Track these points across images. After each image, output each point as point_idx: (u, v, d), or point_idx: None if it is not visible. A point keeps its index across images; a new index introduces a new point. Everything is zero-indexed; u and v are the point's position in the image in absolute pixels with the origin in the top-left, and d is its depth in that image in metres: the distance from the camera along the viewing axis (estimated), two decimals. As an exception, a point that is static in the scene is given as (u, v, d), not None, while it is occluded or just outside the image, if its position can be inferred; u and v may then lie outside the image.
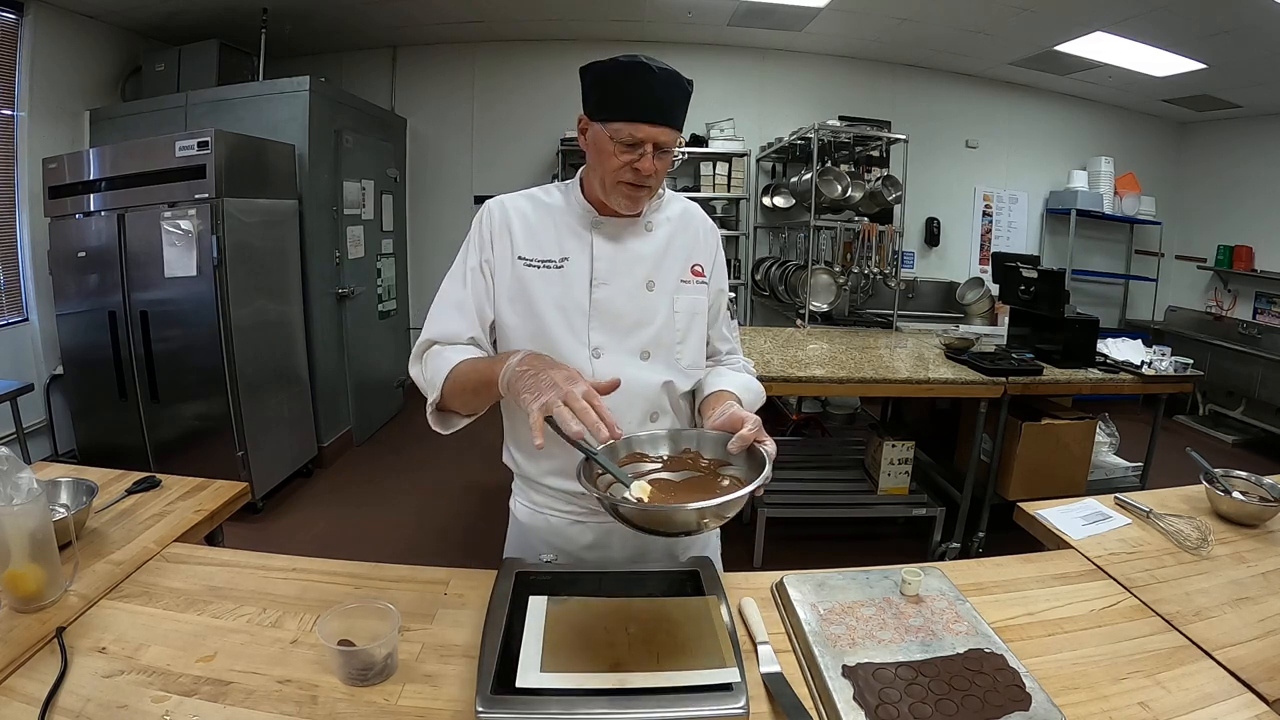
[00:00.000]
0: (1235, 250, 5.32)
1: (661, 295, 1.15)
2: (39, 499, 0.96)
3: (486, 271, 1.14)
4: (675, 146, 1.06)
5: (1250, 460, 4.53)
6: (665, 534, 0.90)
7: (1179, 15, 3.70)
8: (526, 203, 1.17)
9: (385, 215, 4.66)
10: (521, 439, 1.19)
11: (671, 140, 1.04)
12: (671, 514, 0.84)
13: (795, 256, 4.87)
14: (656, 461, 1.01)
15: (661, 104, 1.02)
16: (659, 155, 1.04)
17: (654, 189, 1.10)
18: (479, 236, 1.15)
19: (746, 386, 1.19)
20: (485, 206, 1.17)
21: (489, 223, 1.15)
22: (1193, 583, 1.15)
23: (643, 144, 1.03)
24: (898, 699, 0.82)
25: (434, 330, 1.13)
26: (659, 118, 1.02)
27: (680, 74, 1.04)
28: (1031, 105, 5.58)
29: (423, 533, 3.24)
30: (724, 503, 0.81)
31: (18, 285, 3.65)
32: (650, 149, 1.03)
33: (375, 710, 0.82)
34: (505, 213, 1.15)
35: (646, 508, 0.84)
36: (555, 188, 1.20)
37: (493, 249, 1.14)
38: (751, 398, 1.18)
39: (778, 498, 3.06)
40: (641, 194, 1.08)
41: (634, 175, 1.05)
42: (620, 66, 1.01)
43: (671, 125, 1.04)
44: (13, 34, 3.50)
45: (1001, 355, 3.00)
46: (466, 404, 1.06)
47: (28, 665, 0.86)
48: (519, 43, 5.11)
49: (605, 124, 1.03)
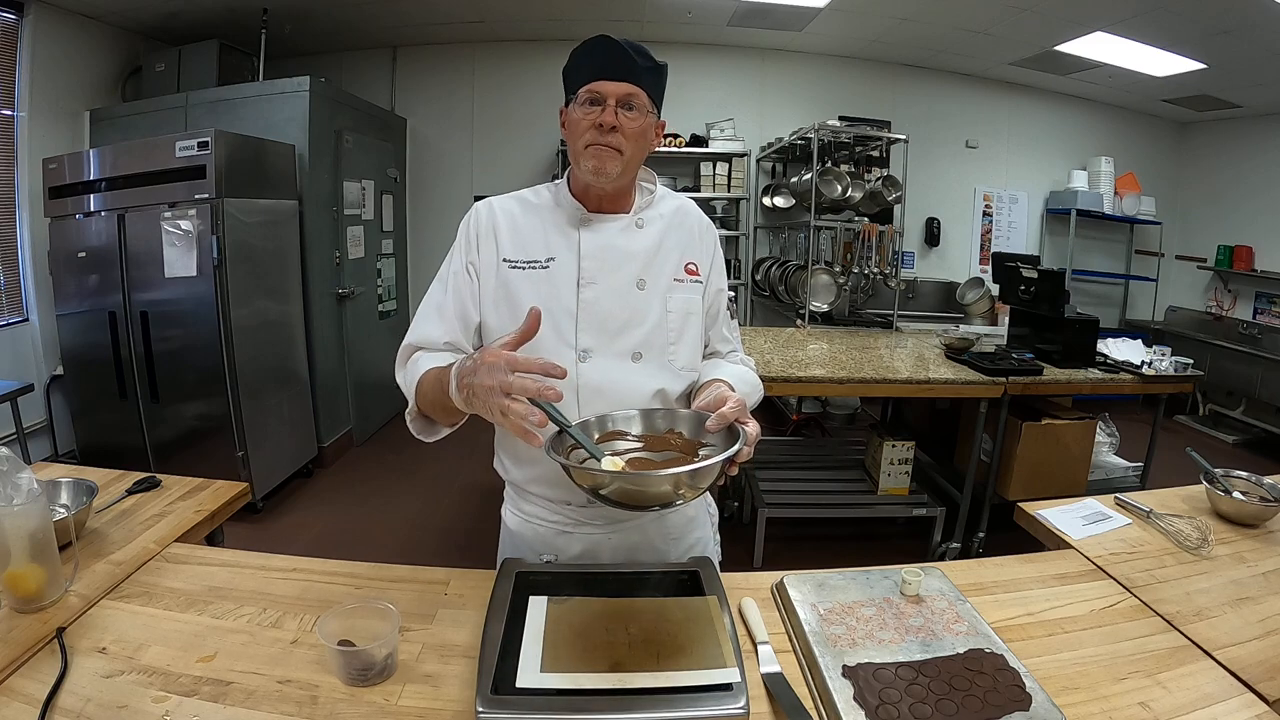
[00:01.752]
0: (1235, 250, 5.32)
1: (653, 294, 1.12)
2: (39, 499, 0.96)
3: (472, 273, 1.12)
4: (644, 109, 1.05)
5: (1250, 460, 4.53)
6: (640, 508, 0.88)
7: (1179, 15, 3.70)
8: (515, 204, 1.16)
9: (385, 215, 4.66)
10: (506, 443, 1.18)
11: (635, 97, 1.04)
12: (640, 481, 0.82)
13: (795, 256, 4.88)
14: (636, 440, 0.99)
15: (620, 63, 1.03)
16: (624, 111, 1.03)
17: (623, 154, 1.06)
18: (465, 238, 1.14)
19: (742, 377, 1.16)
20: (473, 208, 1.16)
21: (475, 224, 1.14)
22: (1193, 583, 1.15)
23: (604, 99, 1.03)
24: (898, 699, 0.82)
25: (415, 335, 1.13)
26: (617, 74, 1.03)
27: (648, 51, 1.05)
28: (1031, 105, 5.58)
29: (423, 533, 3.24)
30: (695, 470, 0.80)
31: (18, 285, 3.65)
32: (612, 103, 1.02)
33: (375, 710, 0.82)
34: (493, 214, 1.14)
35: (619, 475, 0.83)
36: (545, 188, 1.18)
37: (478, 251, 1.12)
38: (747, 389, 1.15)
39: (778, 498, 3.06)
40: (608, 156, 1.04)
41: (597, 133, 1.03)
42: (587, 43, 1.04)
43: (633, 81, 1.03)
44: (13, 34, 3.50)
45: (1001, 355, 3.00)
46: (441, 417, 1.05)
47: (28, 665, 0.86)
48: (519, 43, 5.12)
49: (573, 96, 1.05)
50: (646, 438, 0.99)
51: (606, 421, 0.99)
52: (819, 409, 4.79)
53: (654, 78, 1.06)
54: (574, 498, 1.13)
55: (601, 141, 1.04)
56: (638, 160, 1.10)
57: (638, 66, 1.04)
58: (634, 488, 0.84)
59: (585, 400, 1.09)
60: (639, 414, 1.01)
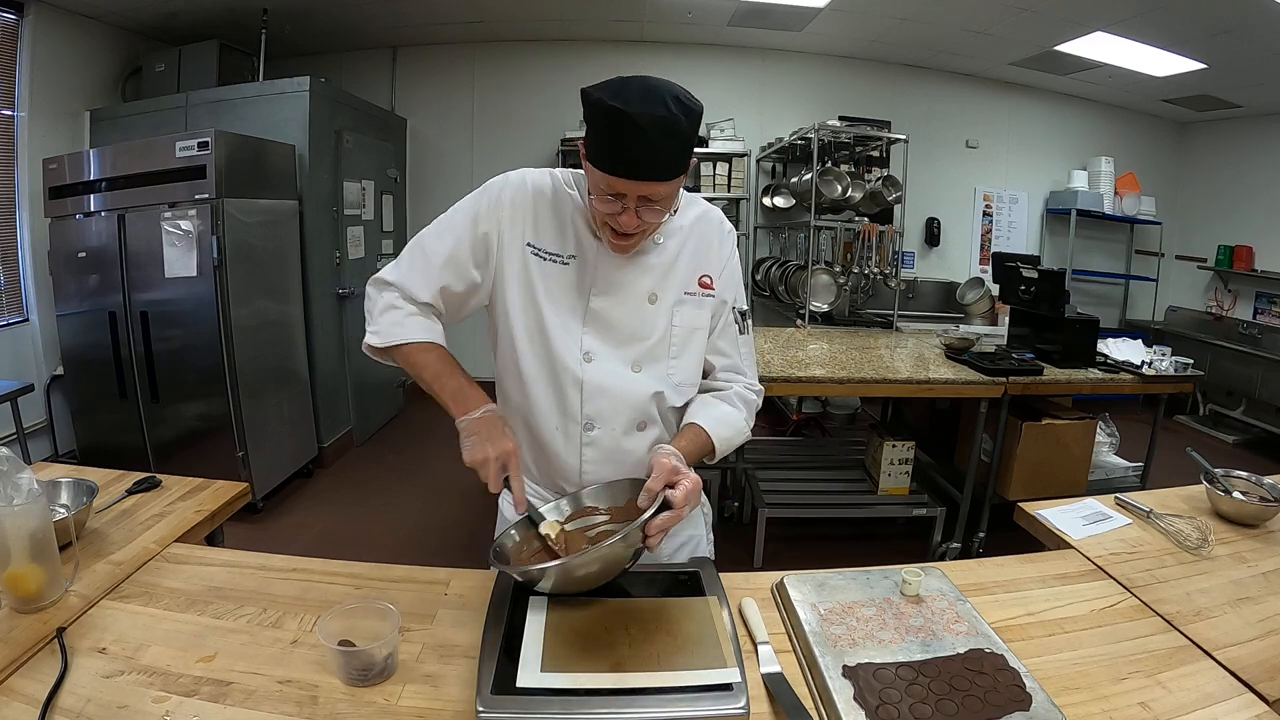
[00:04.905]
0: (1235, 250, 5.32)
1: (661, 309, 1.12)
2: (39, 499, 0.96)
3: (492, 238, 1.09)
4: (668, 196, 0.98)
5: (1250, 460, 4.52)
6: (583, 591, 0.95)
7: (1179, 15, 3.70)
8: (549, 188, 1.11)
9: (385, 215, 4.66)
10: None
11: (658, 193, 0.96)
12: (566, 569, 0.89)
13: (795, 256, 4.88)
14: (604, 514, 1.05)
15: (645, 158, 0.92)
16: (645, 206, 0.97)
17: (646, 234, 1.05)
18: (492, 202, 1.09)
19: (721, 420, 1.13)
20: (504, 177, 1.12)
21: (506, 195, 1.10)
22: (1193, 583, 1.15)
23: (623, 196, 0.96)
24: (898, 699, 0.82)
25: (398, 274, 1.10)
26: (640, 173, 0.93)
27: (679, 115, 0.91)
28: (1031, 105, 5.58)
29: (423, 533, 3.24)
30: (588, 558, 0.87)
31: (18, 285, 3.65)
32: (633, 203, 0.96)
33: (376, 710, 0.82)
34: (525, 190, 1.10)
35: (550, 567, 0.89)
36: (577, 179, 1.12)
37: (508, 224, 1.09)
38: (728, 433, 1.13)
39: (778, 498, 3.06)
40: (628, 242, 1.03)
41: (617, 227, 1.00)
42: (605, 111, 0.90)
43: (657, 179, 0.94)
44: (13, 34, 3.50)
45: (1002, 355, 3.00)
46: (416, 380, 1.11)
47: (28, 665, 0.86)
48: (519, 43, 5.11)
49: (593, 165, 0.97)
50: (613, 510, 1.06)
51: (579, 499, 1.09)
52: (819, 409, 4.79)
53: (684, 151, 0.95)
54: (566, 484, 1.15)
55: (620, 235, 1.02)
56: (661, 222, 1.05)
57: (665, 159, 0.93)
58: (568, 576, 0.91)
59: (588, 397, 1.10)
60: (606, 488, 1.09)
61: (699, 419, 1.12)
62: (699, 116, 0.95)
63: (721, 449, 1.12)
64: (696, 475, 0.97)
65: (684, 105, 0.93)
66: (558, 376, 1.10)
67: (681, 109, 0.92)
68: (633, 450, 1.13)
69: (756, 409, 1.22)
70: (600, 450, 1.12)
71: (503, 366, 1.15)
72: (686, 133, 0.93)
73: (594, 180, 0.98)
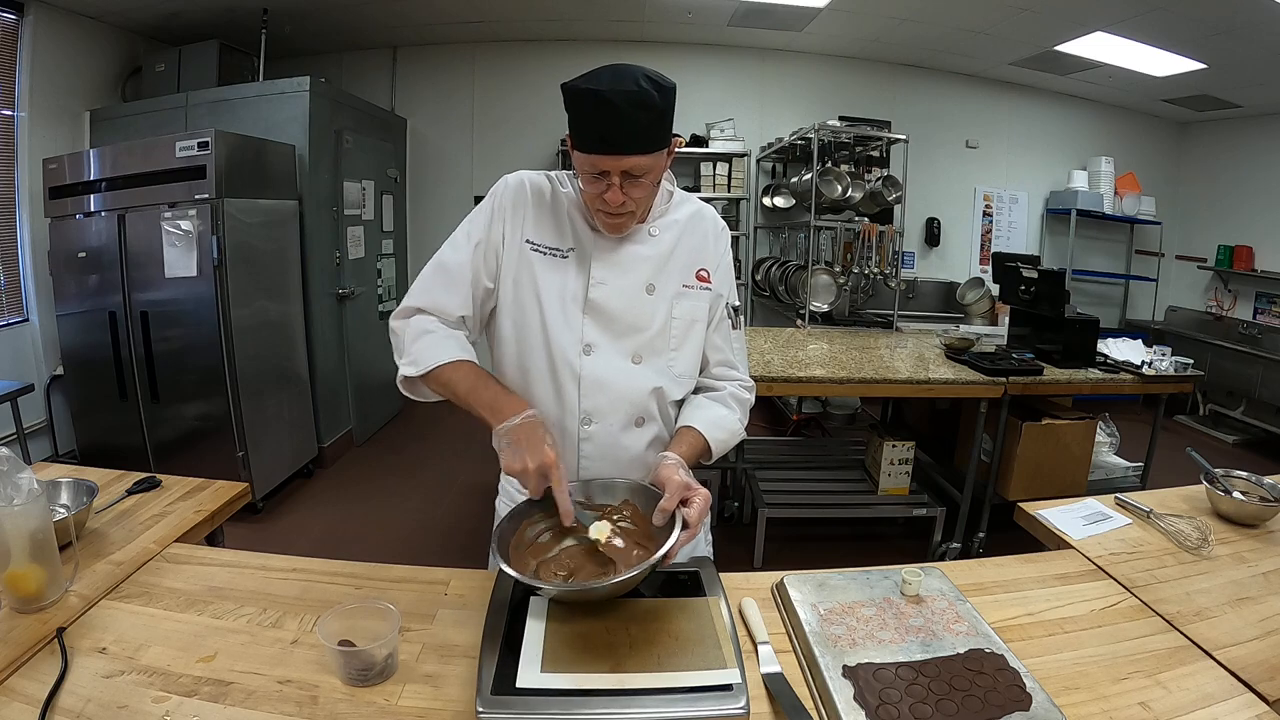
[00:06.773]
0: (1235, 250, 5.32)
1: (660, 300, 1.13)
2: (39, 499, 0.96)
3: (497, 241, 1.12)
4: (650, 169, 1.00)
5: (1250, 460, 4.53)
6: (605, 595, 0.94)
7: (1179, 15, 3.70)
8: (546, 185, 1.15)
9: (385, 215, 4.66)
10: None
11: (639, 165, 0.98)
12: (590, 592, 0.91)
13: (795, 256, 4.88)
14: (618, 510, 1.04)
15: (620, 132, 0.95)
16: (630, 181, 0.99)
17: (635, 213, 1.07)
18: (494, 207, 1.13)
19: (716, 423, 1.14)
20: (503, 180, 1.15)
21: (507, 197, 1.13)
22: (1193, 583, 1.15)
23: (607, 174, 0.99)
24: (898, 699, 0.82)
25: (425, 298, 1.11)
26: (618, 146, 0.96)
27: (649, 90, 0.94)
28: (1031, 105, 5.58)
29: (423, 533, 3.24)
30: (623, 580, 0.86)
31: (18, 285, 3.65)
32: (616, 179, 0.99)
33: (376, 710, 0.82)
34: (524, 190, 1.13)
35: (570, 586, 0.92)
36: (571, 177, 1.16)
37: (507, 223, 1.12)
38: (724, 435, 1.14)
39: (778, 498, 3.06)
40: (620, 220, 1.06)
41: (605, 205, 1.02)
42: (580, 94, 0.95)
43: (634, 152, 0.97)
44: (13, 34, 3.50)
45: (1002, 355, 3.00)
46: (451, 399, 1.07)
47: (28, 665, 0.86)
48: (519, 43, 5.11)
49: (577, 150, 1.00)
50: (627, 507, 1.04)
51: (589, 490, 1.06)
52: (819, 409, 4.79)
53: (660, 124, 0.98)
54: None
55: (610, 213, 1.04)
56: (651, 199, 1.10)
57: (640, 130, 0.96)
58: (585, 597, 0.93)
59: (586, 392, 1.11)
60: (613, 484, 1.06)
61: (695, 422, 1.13)
62: (671, 93, 0.98)
63: (717, 451, 1.14)
64: (706, 490, 0.97)
65: (654, 82, 0.96)
66: (556, 371, 1.11)
67: (652, 84, 0.95)
68: (630, 446, 1.14)
69: (750, 407, 1.24)
70: (597, 446, 1.13)
71: (501, 362, 1.16)
72: (659, 106, 0.96)
73: (580, 164, 1.01)
